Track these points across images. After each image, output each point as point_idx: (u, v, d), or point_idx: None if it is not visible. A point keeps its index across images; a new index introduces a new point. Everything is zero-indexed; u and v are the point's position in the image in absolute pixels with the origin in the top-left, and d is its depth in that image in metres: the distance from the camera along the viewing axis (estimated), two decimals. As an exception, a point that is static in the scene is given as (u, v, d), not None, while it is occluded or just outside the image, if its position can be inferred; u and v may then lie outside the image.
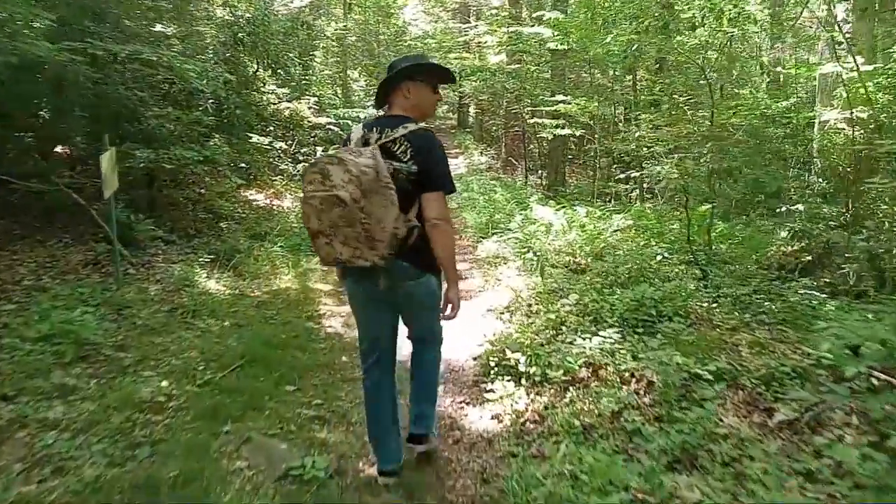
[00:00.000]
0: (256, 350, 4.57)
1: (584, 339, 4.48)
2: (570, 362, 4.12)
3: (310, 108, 11.74)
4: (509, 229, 8.78)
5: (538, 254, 7.39)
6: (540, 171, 15.81)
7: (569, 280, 6.18)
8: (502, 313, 5.61)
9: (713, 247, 6.40)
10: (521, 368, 4.17)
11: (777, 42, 12.33)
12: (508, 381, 4.13)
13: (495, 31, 19.44)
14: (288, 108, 11.37)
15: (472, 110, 28.26)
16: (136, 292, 5.45)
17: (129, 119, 6.67)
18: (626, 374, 3.94)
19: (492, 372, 4.27)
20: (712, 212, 6.88)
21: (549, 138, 11.05)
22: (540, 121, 10.42)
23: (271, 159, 11.68)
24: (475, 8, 25.08)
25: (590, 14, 9.72)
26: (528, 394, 3.95)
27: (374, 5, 22.75)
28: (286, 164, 11.59)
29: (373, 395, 3.02)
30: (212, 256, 6.56)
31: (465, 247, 8.90)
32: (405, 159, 2.66)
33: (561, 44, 9.74)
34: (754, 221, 8.74)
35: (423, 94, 2.90)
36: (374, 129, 2.75)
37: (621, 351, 4.22)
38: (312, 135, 13.32)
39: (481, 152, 20.77)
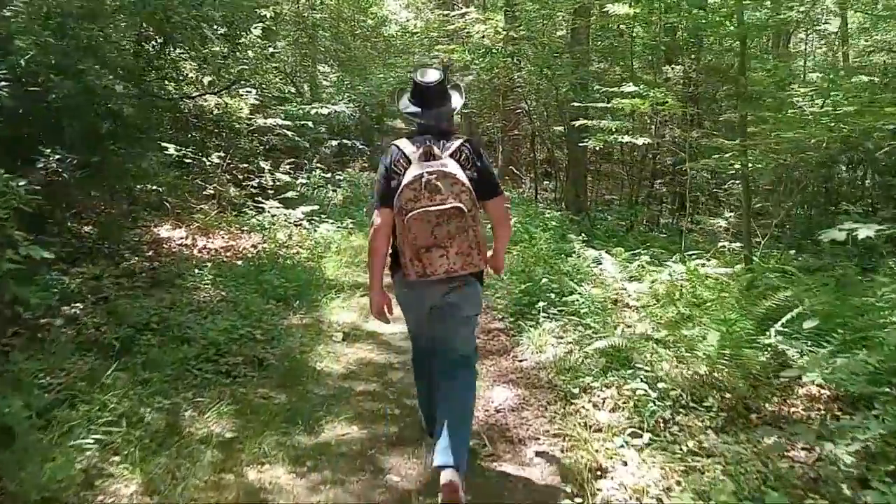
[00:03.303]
0: None
1: None
2: None
3: (250, 104, 7.81)
4: (569, 303, 4.94)
5: (654, 383, 3.59)
6: (556, 185, 12.03)
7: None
8: None
9: None
10: None
11: None
12: None
13: (489, 18, 15.74)
14: (217, 104, 7.40)
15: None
16: None
17: None
18: None
19: None
20: None
21: (596, 147, 7.27)
22: (591, 123, 6.67)
23: (197, 179, 7.72)
24: (462, -6, 21.13)
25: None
26: None
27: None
28: (218, 186, 7.62)
29: (430, 398, 2.97)
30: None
31: (493, 333, 5.05)
32: (468, 167, 2.66)
33: (634, 3, 5.97)
34: None
35: None
36: (429, 143, 2.68)
37: None
38: (263, 141, 9.34)
39: (473, 159, 16.92)
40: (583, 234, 8.23)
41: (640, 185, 11.47)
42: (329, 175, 11.86)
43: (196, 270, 5.47)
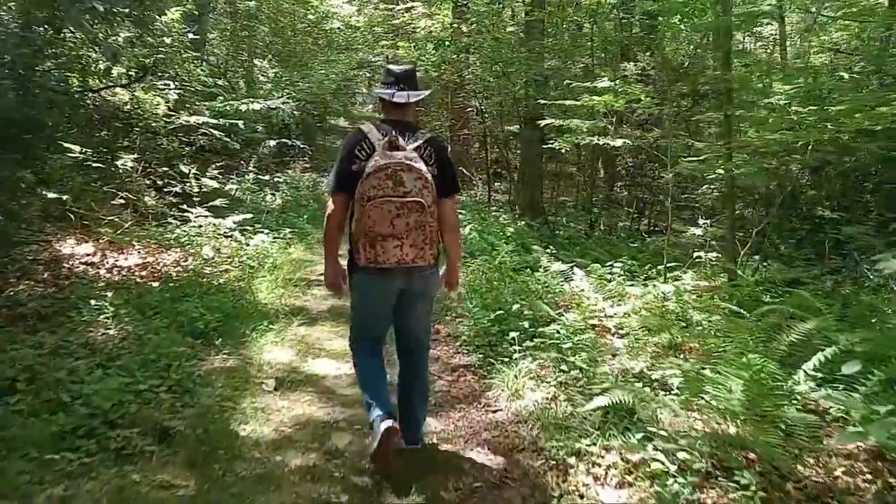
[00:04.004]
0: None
1: None
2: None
3: (169, 101, 6.70)
4: (547, 334, 4.13)
5: (670, 452, 2.82)
6: (510, 186, 11.28)
7: None
8: None
9: None
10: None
11: None
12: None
13: (436, 13, 15.00)
14: (131, 98, 6.27)
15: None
16: None
17: None
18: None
19: None
20: None
21: (563, 150, 6.50)
22: (561, 122, 5.87)
23: (109, 185, 6.57)
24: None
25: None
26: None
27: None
28: (131, 193, 6.51)
29: (376, 373, 2.94)
30: None
31: (458, 372, 4.18)
32: (430, 163, 2.64)
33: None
34: None
35: None
36: (395, 133, 2.64)
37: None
38: (189, 141, 8.19)
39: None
40: (546, 244, 7.51)
41: (595, 187, 10.85)
42: (267, 177, 10.79)
43: (93, 301, 4.40)
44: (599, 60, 10.60)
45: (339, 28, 19.30)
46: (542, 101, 6.75)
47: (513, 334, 4.27)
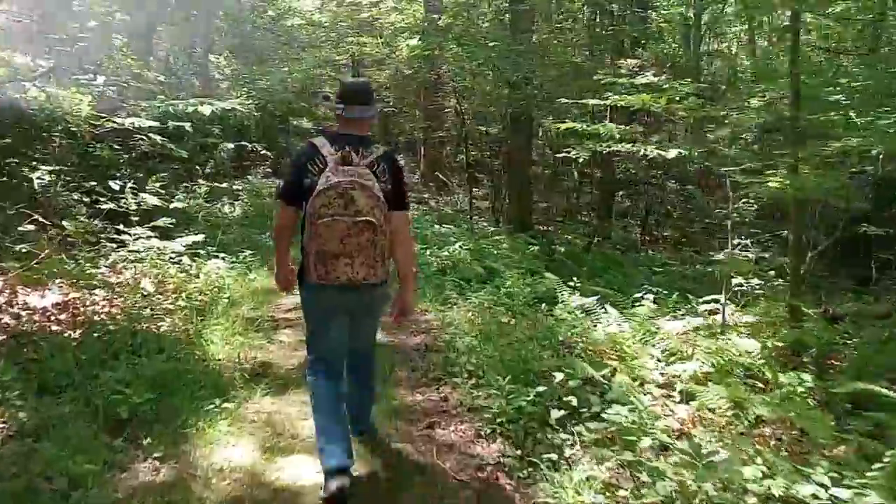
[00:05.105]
0: None
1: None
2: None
3: (95, 99, 5.31)
4: (609, 420, 2.96)
5: None
6: (492, 193, 10.12)
7: None
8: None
9: None
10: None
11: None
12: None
13: (406, 7, 13.84)
14: (46, 96, 4.87)
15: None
16: None
17: None
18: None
19: None
20: None
21: (582, 158, 5.35)
22: (583, 126, 4.71)
23: (15, 206, 5.15)
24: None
25: None
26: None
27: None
28: (42, 215, 5.12)
29: (332, 397, 2.74)
30: None
31: (487, 473, 2.96)
32: (383, 179, 2.58)
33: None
34: None
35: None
36: (348, 148, 2.56)
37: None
38: (128, 148, 6.77)
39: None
40: (546, 264, 6.39)
41: (590, 194, 9.80)
42: (225, 185, 9.44)
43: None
44: (588, 58, 9.55)
45: (300, 24, 17.87)
46: (565, 101, 5.55)
47: (555, 414, 3.10)
